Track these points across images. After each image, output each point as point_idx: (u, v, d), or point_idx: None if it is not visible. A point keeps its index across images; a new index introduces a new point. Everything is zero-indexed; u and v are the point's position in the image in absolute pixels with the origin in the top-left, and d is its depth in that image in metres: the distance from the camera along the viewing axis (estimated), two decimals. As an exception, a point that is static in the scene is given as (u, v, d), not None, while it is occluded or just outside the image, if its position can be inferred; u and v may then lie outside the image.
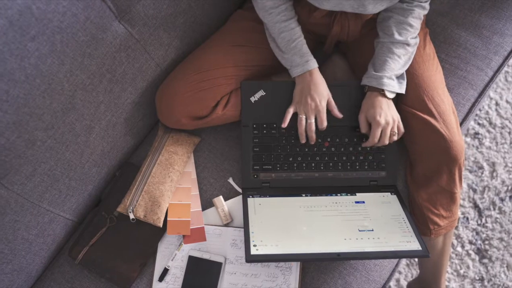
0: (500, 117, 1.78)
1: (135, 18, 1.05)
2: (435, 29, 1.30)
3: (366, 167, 1.19)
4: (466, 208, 1.68)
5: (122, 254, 1.13)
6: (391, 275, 1.18)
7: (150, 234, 1.14)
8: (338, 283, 1.14)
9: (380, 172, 1.19)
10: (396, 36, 1.11)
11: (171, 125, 1.16)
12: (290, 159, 1.17)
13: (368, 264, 1.16)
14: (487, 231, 1.66)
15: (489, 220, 1.67)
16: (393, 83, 1.11)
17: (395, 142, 1.14)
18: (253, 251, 1.01)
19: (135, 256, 1.13)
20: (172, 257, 1.13)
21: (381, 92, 1.11)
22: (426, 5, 1.13)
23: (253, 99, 1.17)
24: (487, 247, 1.64)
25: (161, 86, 1.15)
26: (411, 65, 1.15)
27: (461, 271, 1.62)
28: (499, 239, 1.65)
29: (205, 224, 1.15)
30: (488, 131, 1.76)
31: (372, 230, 1.07)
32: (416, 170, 1.18)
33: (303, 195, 1.16)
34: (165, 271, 1.13)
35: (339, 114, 1.14)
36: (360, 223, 1.09)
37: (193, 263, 1.12)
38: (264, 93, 1.17)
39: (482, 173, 1.71)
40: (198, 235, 1.14)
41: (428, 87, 1.13)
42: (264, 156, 1.17)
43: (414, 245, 1.04)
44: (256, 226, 1.07)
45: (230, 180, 1.20)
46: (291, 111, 1.13)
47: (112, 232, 1.14)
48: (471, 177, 1.71)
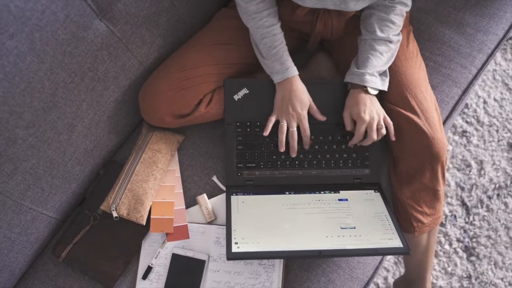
0: (488, 115, 1.79)
1: (117, 17, 1.05)
2: (419, 27, 1.31)
3: (350, 165, 1.19)
4: (454, 206, 1.68)
5: (106, 252, 1.13)
6: (375, 273, 1.19)
7: (134, 232, 1.14)
8: (322, 281, 1.14)
9: (364, 170, 1.19)
10: (378, 33, 1.11)
11: (155, 123, 1.17)
12: (274, 157, 1.17)
13: (352, 262, 1.16)
14: (475, 229, 1.66)
15: (477, 218, 1.67)
16: (376, 80, 1.11)
17: (379, 140, 1.15)
18: (234, 249, 1.01)
19: (119, 254, 1.13)
20: (156, 255, 1.14)
21: (364, 89, 1.11)
22: (408, 2, 1.14)
23: (237, 97, 1.17)
24: (475, 245, 1.65)
25: (144, 85, 1.15)
26: (394, 63, 1.15)
27: (449, 269, 1.62)
28: (487, 237, 1.66)
29: (189, 222, 1.16)
30: (476, 129, 1.77)
31: (354, 228, 1.07)
32: (399, 168, 1.18)
33: (287, 193, 1.16)
34: (149, 269, 1.13)
35: (322, 117, 1.15)
36: (343, 221, 1.09)
37: (177, 261, 1.13)
38: (248, 91, 1.17)
39: (470, 171, 1.72)
40: (181, 233, 1.14)
41: (411, 85, 1.14)
42: (248, 154, 1.18)
43: (396, 242, 1.04)
44: (239, 224, 1.07)
45: (214, 178, 1.21)
46: (273, 120, 1.13)
47: (96, 230, 1.14)
48: (459, 175, 1.72)
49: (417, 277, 1.31)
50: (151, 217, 1.14)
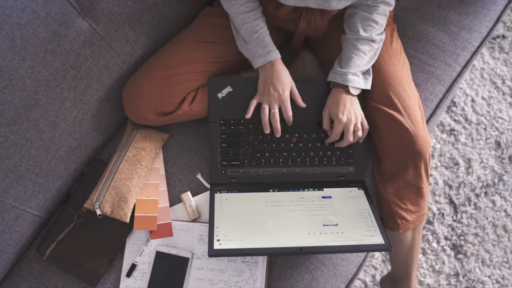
0: (476, 114, 1.79)
1: (99, 15, 1.06)
2: (404, 25, 1.31)
3: (334, 163, 1.19)
4: (442, 204, 1.69)
5: (90, 250, 1.13)
6: (358, 270, 1.19)
7: (118, 230, 1.15)
8: (305, 278, 1.15)
9: (348, 168, 1.20)
10: (361, 33, 1.11)
11: (138, 122, 1.17)
12: (258, 155, 1.18)
13: (335, 259, 1.17)
14: (463, 227, 1.67)
15: (465, 216, 1.68)
16: (358, 79, 1.12)
17: (364, 139, 1.15)
18: (216, 246, 1.02)
19: (103, 252, 1.14)
20: (140, 253, 1.14)
21: (346, 89, 1.12)
22: (391, 2, 1.14)
23: (220, 95, 1.17)
24: (462, 243, 1.65)
25: (128, 83, 1.15)
26: (377, 61, 1.15)
27: (437, 267, 1.63)
28: (474, 235, 1.66)
29: (173, 220, 1.16)
30: (464, 128, 1.77)
31: (337, 225, 1.08)
32: (383, 165, 1.18)
33: (271, 191, 1.16)
34: (133, 267, 1.13)
35: (302, 104, 1.15)
36: (325, 218, 1.09)
37: (161, 259, 1.13)
38: (232, 89, 1.18)
39: (458, 169, 1.72)
40: (165, 231, 1.14)
41: (394, 83, 1.14)
42: (232, 152, 1.18)
43: (378, 239, 1.05)
44: (221, 221, 1.08)
45: (199, 176, 1.21)
46: (255, 102, 1.14)
47: (80, 228, 1.15)
48: (447, 173, 1.72)
49: (403, 275, 1.31)
50: (135, 215, 1.14)
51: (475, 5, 1.32)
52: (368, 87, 1.13)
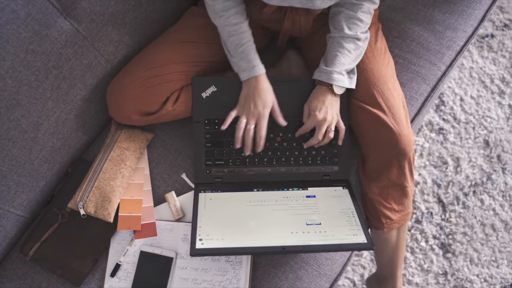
0: (465, 113, 1.79)
1: (81, 15, 1.06)
2: (389, 24, 1.31)
3: (319, 162, 1.19)
4: (430, 203, 1.69)
5: (74, 250, 1.13)
6: (343, 269, 1.19)
7: (103, 230, 1.15)
8: (289, 277, 1.15)
9: (333, 167, 1.20)
10: (346, 31, 1.11)
11: (122, 121, 1.17)
12: (242, 155, 1.18)
13: (320, 258, 1.17)
14: (451, 226, 1.67)
15: (453, 215, 1.68)
16: (343, 78, 1.12)
17: (348, 137, 1.15)
18: (198, 245, 1.02)
19: (87, 252, 1.13)
20: (124, 253, 1.14)
21: (329, 88, 1.12)
22: (376, 0, 1.14)
23: (205, 95, 1.17)
24: (451, 242, 1.65)
25: (111, 83, 1.15)
26: (362, 60, 1.15)
27: (425, 266, 1.63)
28: (463, 234, 1.66)
29: (157, 220, 1.16)
30: (453, 127, 1.77)
31: (320, 224, 1.08)
32: (367, 164, 1.18)
33: (255, 190, 1.16)
34: (117, 267, 1.13)
35: (283, 122, 1.15)
36: (309, 217, 1.09)
37: (145, 258, 1.13)
38: (216, 89, 1.18)
39: (447, 168, 1.73)
40: (149, 230, 1.14)
41: (378, 82, 1.14)
42: (216, 152, 1.18)
43: (360, 238, 1.05)
44: (204, 221, 1.08)
45: (183, 176, 1.21)
46: (233, 115, 1.13)
47: (64, 228, 1.15)
48: (436, 172, 1.72)
49: (388, 274, 1.31)
50: (119, 215, 1.14)
51: (460, 4, 1.32)
52: (353, 86, 1.14)
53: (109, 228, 1.15)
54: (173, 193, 1.18)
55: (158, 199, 1.19)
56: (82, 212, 1.12)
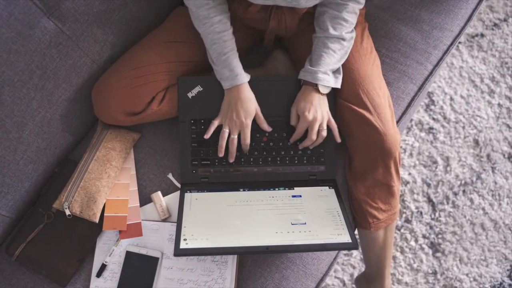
0: (455, 112, 1.80)
1: (65, 15, 1.05)
2: (376, 24, 1.31)
3: (305, 162, 1.19)
4: (420, 203, 1.69)
5: (60, 251, 1.13)
6: (329, 269, 1.19)
7: (88, 230, 1.14)
8: (275, 277, 1.15)
9: (319, 167, 1.20)
10: (331, 31, 1.11)
11: (108, 121, 1.17)
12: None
13: (306, 258, 1.17)
14: (441, 225, 1.67)
15: (443, 214, 1.68)
16: (328, 78, 1.12)
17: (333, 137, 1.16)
18: (182, 245, 1.02)
19: (73, 252, 1.13)
20: (110, 253, 1.14)
21: (315, 87, 1.12)
22: (361, 0, 1.14)
23: (190, 95, 1.17)
24: (441, 241, 1.66)
25: (97, 83, 1.15)
26: (347, 59, 1.15)
27: (415, 265, 1.63)
28: (452, 233, 1.66)
29: (142, 220, 1.16)
30: (443, 126, 1.78)
31: (305, 224, 1.08)
32: (354, 164, 1.18)
33: (241, 190, 1.16)
34: (103, 267, 1.13)
35: (268, 128, 1.16)
36: (294, 217, 1.09)
37: (130, 258, 1.13)
38: (202, 89, 1.17)
39: (436, 168, 1.73)
40: (135, 230, 1.14)
41: (364, 81, 1.14)
42: (202, 152, 1.18)
43: (344, 238, 1.05)
44: (189, 221, 1.08)
45: (170, 176, 1.21)
46: (216, 123, 1.14)
47: (50, 229, 1.14)
48: (425, 172, 1.72)
49: (376, 274, 1.31)
50: (105, 215, 1.14)
51: (447, 4, 1.32)
52: (338, 86, 1.14)
53: (95, 228, 1.14)
54: (159, 193, 1.18)
55: (144, 199, 1.19)
56: (68, 213, 1.11)
